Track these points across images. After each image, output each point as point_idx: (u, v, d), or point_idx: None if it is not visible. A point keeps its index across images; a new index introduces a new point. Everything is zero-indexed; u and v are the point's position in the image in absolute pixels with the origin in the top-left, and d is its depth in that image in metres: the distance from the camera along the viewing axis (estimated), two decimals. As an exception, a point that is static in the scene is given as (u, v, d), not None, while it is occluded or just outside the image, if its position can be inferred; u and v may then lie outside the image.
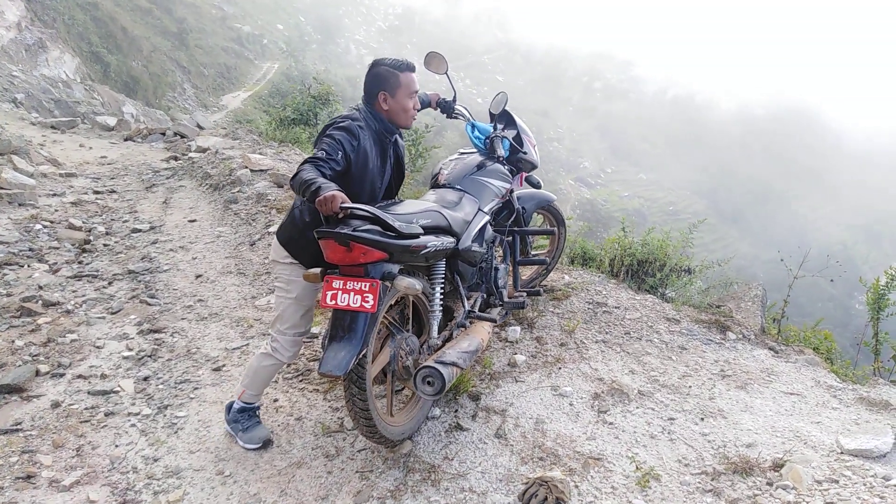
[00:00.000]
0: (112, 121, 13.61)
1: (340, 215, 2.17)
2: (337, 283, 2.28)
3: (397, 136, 2.85)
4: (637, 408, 3.04)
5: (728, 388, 3.26)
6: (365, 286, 2.25)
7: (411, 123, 2.79)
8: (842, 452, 2.64)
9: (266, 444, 2.83)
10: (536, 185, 3.79)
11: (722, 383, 3.30)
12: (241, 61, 49.81)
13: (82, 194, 7.30)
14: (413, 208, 2.59)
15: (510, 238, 3.60)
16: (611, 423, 2.92)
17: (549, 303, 4.10)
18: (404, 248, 2.31)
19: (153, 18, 40.77)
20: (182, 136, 11.73)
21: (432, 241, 2.48)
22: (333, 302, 2.27)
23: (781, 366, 3.54)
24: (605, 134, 76.67)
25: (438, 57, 3.22)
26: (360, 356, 2.26)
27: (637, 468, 2.58)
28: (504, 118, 3.60)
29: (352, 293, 2.25)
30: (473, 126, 3.51)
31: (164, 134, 12.07)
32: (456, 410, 3.03)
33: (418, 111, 2.82)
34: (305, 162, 2.37)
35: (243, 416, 2.84)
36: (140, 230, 6.11)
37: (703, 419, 2.95)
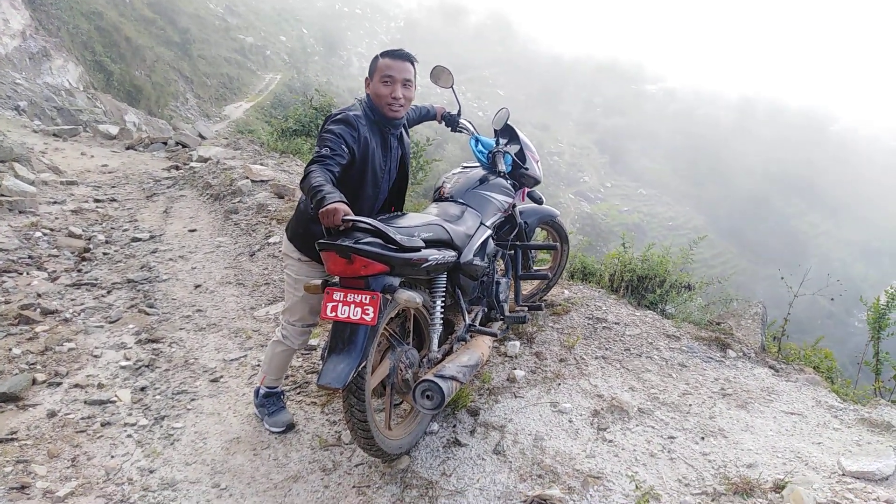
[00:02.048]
0: (114, 129, 13.63)
1: (342, 227, 2.17)
2: (337, 296, 2.27)
3: (402, 131, 2.84)
4: (637, 425, 3.02)
5: (728, 406, 3.23)
6: (365, 299, 2.24)
7: (390, 113, 2.63)
8: (843, 474, 2.61)
9: (289, 427, 2.99)
10: (538, 201, 3.78)
11: (722, 402, 3.28)
12: (244, 72, 50.16)
13: (83, 202, 7.31)
14: (415, 221, 2.59)
15: (512, 252, 3.59)
16: (610, 441, 2.89)
17: (549, 318, 4.09)
18: (405, 261, 2.31)
19: (157, 28, 41.10)
20: (184, 146, 11.76)
21: (433, 255, 2.48)
22: (334, 314, 2.26)
23: (782, 385, 3.53)
24: (605, 149, 77.11)
25: (445, 71, 3.21)
26: (360, 368, 2.25)
27: (637, 487, 2.55)
28: (507, 133, 3.61)
29: (352, 305, 2.25)
30: (477, 140, 3.51)
31: (165, 143, 12.10)
32: (454, 425, 3.00)
33: (400, 101, 2.61)
34: (313, 162, 2.37)
35: (269, 400, 3.03)
36: (140, 239, 6.10)
37: (703, 438, 2.92)
